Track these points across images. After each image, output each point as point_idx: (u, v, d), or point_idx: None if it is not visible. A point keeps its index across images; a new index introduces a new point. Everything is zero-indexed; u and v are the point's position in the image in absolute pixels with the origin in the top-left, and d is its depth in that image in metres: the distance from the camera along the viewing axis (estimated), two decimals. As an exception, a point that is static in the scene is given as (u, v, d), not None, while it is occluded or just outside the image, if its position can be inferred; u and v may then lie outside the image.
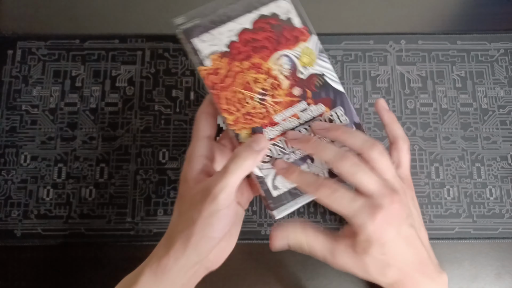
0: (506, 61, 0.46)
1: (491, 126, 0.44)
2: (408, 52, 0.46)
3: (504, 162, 0.43)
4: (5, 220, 0.41)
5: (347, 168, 0.29)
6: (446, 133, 0.44)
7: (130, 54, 0.46)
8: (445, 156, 0.43)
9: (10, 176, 0.42)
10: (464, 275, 0.41)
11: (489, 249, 0.41)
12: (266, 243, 0.41)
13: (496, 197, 0.42)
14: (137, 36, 0.46)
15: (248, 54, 0.32)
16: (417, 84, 0.45)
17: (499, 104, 0.45)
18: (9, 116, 0.44)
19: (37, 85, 0.45)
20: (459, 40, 0.46)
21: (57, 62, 0.45)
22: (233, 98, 0.32)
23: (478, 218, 0.42)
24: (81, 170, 0.43)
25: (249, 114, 0.32)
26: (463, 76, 0.45)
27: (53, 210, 0.42)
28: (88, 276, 0.40)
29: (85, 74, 0.45)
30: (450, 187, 0.43)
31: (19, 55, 0.46)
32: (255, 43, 0.32)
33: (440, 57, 0.46)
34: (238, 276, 0.41)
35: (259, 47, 0.32)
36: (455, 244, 0.41)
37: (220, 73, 0.32)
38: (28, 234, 0.41)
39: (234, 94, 0.32)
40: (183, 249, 0.29)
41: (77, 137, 0.43)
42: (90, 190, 0.42)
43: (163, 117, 0.44)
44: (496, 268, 0.41)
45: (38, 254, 0.41)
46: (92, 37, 0.46)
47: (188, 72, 0.46)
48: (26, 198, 0.42)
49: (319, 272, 0.41)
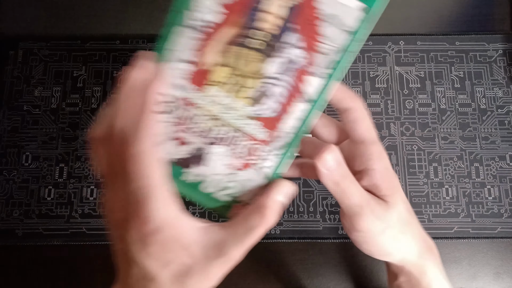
0: (505, 62, 0.46)
1: (489, 126, 0.44)
2: (406, 53, 0.46)
3: (502, 162, 0.43)
4: (6, 220, 0.41)
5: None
6: (444, 133, 0.44)
7: (132, 55, 0.46)
8: (444, 156, 0.44)
9: (11, 176, 0.43)
10: (463, 274, 0.41)
11: (488, 249, 0.42)
12: (266, 242, 0.41)
13: (494, 197, 0.42)
14: (138, 36, 0.47)
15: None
16: (416, 84, 0.45)
17: (497, 104, 0.45)
18: (11, 116, 0.44)
19: (39, 85, 0.45)
20: (458, 41, 0.47)
21: (59, 62, 0.46)
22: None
23: (477, 218, 0.42)
24: (83, 170, 0.43)
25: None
26: (462, 76, 0.46)
27: (54, 209, 0.42)
28: (90, 275, 0.41)
29: (86, 75, 0.46)
30: (448, 186, 0.43)
31: (20, 55, 0.46)
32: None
33: (438, 58, 0.46)
34: (238, 276, 0.41)
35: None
36: (453, 243, 0.42)
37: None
38: (29, 234, 0.41)
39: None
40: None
41: (79, 137, 0.44)
42: (91, 190, 0.42)
43: (163, 117, 0.44)
44: (494, 267, 0.41)
45: (40, 254, 0.41)
46: (93, 38, 0.47)
47: (189, 72, 0.46)
48: (28, 198, 0.42)
49: (319, 272, 0.41)
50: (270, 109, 0.24)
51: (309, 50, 0.23)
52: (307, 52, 0.23)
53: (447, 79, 0.46)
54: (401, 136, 0.44)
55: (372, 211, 0.27)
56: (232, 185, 0.25)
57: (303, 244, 0.42)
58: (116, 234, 0.23)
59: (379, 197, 0.28)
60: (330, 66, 0.23)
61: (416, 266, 0.30)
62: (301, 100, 0.24)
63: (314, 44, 0.23)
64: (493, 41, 0.47)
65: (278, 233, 0.41)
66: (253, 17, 0.23)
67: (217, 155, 0.24)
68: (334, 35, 0.23)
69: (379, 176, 0.28)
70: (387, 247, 0.29)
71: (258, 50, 0.23)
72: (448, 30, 0.48)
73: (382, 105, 0.45)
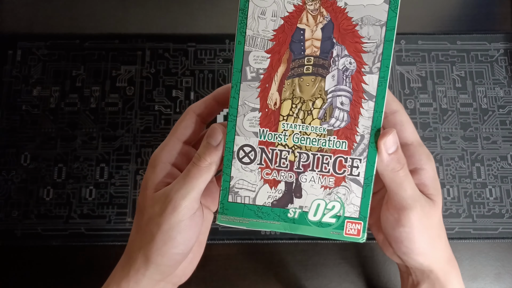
0: (506, 61, 0.46)
1: (491, 126, 0.44)
2: (408, 52, 0.46)
3: (504, 162, 0.43)
4: (5, 220, 0.41)
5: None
6: (446, 133, 0.44)
7: (130, 54, 0.46)
8: (445, 156, 0.43)
9: (10, 176, 0.42)
10: (464, 275, 0.41)
11: (489, 249, 0.42)
12: (266, 243, 0.41)
13: (496, 197, 0.42)
14: (137, 36, 0.46)
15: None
16: (417, 84, 0.45)
17: (498, 104, 0.45)
18: (10, 116, 0.44)
19: (37, 85, 0.45)
20: (459, 40, 0.46)
21: (57, 62, 0.46)
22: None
23: (478, 218, 0.42)
24: (81, 170, 0.43)
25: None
26: (463, 76, 0.45)
27: (53, 210, 0.42)
28: (88, 276, 0.40)
29: (85, 74, 0.45)
30: (450, 187, 0.43)
31: (19, 55, 0.46)
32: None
33: (440, 57, 0.46)
34: (238, 276, 0.41)
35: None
36: (455, 244, 0.41)
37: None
38: (28, 234, 0.41)
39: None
40: (143, 269, 0.26)
41: (77, 137, 0.43)
42: (90, 190, 0.42)
43: (163, 117, 0.44)
44: (496, 268, 0.41)
45: (38, 254, 0.41)
46: (92, 37, 0.46)
47: (188, 72, 0.46)
48: (26, 198, 0.42)
49: (319, 272, 0.41)
50: (341, 120, 0.26)
51: (356, 53, 0.26)
52: (355, 56, 0.26)
53: (449, 78, 0.45)
54: (402, 136, 0.44)
55: (422, 207, 0.27)
56: (335, 204, 0.26)
57: (303, 245, 0.41)
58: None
59: (427, 196, 0.29)
60: (378, 60, 0.26)
61: (443, 272, 0.30)
62: (364, 100, 0.26)
63: (358, 47, 0.26)
64: (495, 41, 0.46)
65: (278, 234, 0.41)
66: (294, 50, 0.26)
67: (311, 181, 0.26)
68: (371, 32, 0.26)
69: (429, 176, 0.28)
70: (426, 246, 0.28)
71: (312, 73, 0.26)
72: (449, 30, 0.47)
73: (383, 105, 0.45)
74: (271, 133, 0.26)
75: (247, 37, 0.26)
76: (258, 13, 0.26)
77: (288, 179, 0.27)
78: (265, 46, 0.26)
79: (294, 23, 0.26)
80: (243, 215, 0.27)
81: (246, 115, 0.26)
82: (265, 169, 0.27)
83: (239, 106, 0.26)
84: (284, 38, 0.26)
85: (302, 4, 0.26)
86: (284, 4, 0.26)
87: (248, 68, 0.26)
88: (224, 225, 0.27)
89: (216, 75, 0.45)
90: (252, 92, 0.26)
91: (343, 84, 0.26)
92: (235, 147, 0.26)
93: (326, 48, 0.26)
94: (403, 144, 0.29)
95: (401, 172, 0.26)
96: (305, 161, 0.26)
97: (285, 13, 0.26)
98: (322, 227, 0.26)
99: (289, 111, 0.26)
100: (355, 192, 0.26)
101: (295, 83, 0.26)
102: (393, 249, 0.30)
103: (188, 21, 0.48)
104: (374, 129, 0.26)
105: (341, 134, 0.26)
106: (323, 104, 0.26)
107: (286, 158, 0.26)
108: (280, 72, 0.26)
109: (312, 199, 0.26)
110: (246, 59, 0.26)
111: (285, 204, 0.27)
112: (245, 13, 0.26)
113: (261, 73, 0.26)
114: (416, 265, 0.30)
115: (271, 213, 0.27)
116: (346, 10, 0.25)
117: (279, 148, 0.26)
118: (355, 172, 0.26)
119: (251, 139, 0.26)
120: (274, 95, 0.26)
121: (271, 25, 0.26)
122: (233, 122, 0.26)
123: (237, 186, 0.27)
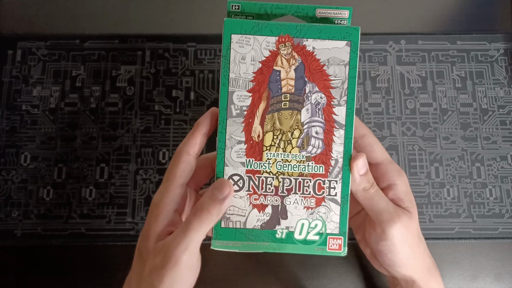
0: (506, 61, 0.46)
1: (491, 126, 0.44)
2: (408, 52, 0.46)
3: (504, 162, 0.43)
4: (5, 220, 0.41)
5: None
6: (446, 133, 0.44)
7: (130, 54, 0.46)
8: (445, 156, 0.43)
9: (10, 176, 0.42)
10: (464, 275, 0.41)
11: (489, 249, 0.42)
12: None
13: (496, 197, 0.42)
14: (137, 36, 0.46)
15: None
16: (417, 84, 0.45)
17: (499, 104, 0.45)
18: (9, 116, 0.44)
19: (37, 85, 0.45)
20: (459, 40, 0.46)
21: (57, 62, 0.46)
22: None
23: (478, 218, 0.42)
24: (81, 170, 0.43)
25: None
26: (463, 76, 0.45)
27: (53, 210, 0.42)
28: (88, 276, 0.40)
29: (85, 74, 0.45)
30: (450, 187, 0.43)
31: (19, 55, 0.46)
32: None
33: (440, 57, 0.46)
34: (238, 276, 0.41)
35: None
36: (455, 244, 0.41)
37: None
38: (28, 234, 0.41)
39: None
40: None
41: (77, 137, 0.43)
42: (90, 190, 0.42)
43: (163, 117, 0.44)
44: (496, 268, 0.41)
45: (38, 254, 0.41)
46: (92, 37, 0.46)
47: (188, 72, 0.46)
48: (26, 198, 0.42)
49: (319, 272, 0.41)
50: (317, 147, 0.29)
51: (325, 89, 0.29)
52: (324, 91, 0.29)
53: (449, 78, 0.45)
54: (402, 136, 0.44)
55: (399, 219, 0.29)
56: (317, 222, 0.29)
57: (303, 245, 0.41)
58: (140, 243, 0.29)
59: (403, 209, 0.31)
60: (344, 94, 0.29)
61: (423, 281, 0.31)
62: (336, 128, 0.29)
63: (327, 83, 0.29)
64: (495, 41, 0.46)
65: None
66: (272, 89, 0.29)
67: (294, 203, 0.29)
68: (337, 71, 0.29)
69: (402, 190, 0.31)
70: (407, 257, 0.31)
71: (289, 108, 0.29)
72: (449, 30, 0.47)
73: (383, 105, 0.45)
74: (256, 162, 0.29)
75: (230, 79, 0.29)
76: (239, 58, 0.29)
77: (274, 202, 0.29)
78: (246, 86, 0.29)
79: (270, 66, 0.29)
80: (236, 238, 0.29)
81: (233, 147, 0.29)
82: (253, 195, 0.29)
83: (227, 140, 0.29)
84: (263, 79, 0.29)
85: (277, 50, 0.29)
86: (261, 50, 0.29)
87: (233, 106, 0.29)
88: (218, 249, 0.29)
89: (216, 75, 0.45)
90: (237, 127, 0.29)
91: (317, 116, 0.29)
92: (225, 177, 0.29)
93: (300, 86, 0.29)
94: (374, 164, 0.32)
95: (371, 189, 0.30)
96: (288, 186, 0.29)
97: (262, 58, 0.29)
98: (308, 244, 0.29)
99: (271, 142, 0.29)
100: (334, 210, 0.29)
101: (275, 117, 0.29)
102: (379, 262, 0.32)
103: (188, 21, 0.48)
104: (346, 153, 0.29)
105: (318, 160, 0.29)
106: (300, 134, 0.29)
107: (271, 183, 0.29)
108: (261, 108, 0.29)
109: (296, 219, 0.29)
110: (230, 98, 0.29)
111: (273, 225, 0.29)
112: (228, 59, 0.29)
113: (244, 110, 0.29)
114: (400, 276, 0.32)
115: (260, 235, 0.29)
116: (314, 53, 0.29)
117: (265, 175, 0.29)
118: (333, 192, 0.29)
119: (239, 169, 0.29)
120: (257, 128, 0.29)
121: (251, 68, 0.29)
122: (221, 154, 0.29)
123: (229, 212, 0.29)
